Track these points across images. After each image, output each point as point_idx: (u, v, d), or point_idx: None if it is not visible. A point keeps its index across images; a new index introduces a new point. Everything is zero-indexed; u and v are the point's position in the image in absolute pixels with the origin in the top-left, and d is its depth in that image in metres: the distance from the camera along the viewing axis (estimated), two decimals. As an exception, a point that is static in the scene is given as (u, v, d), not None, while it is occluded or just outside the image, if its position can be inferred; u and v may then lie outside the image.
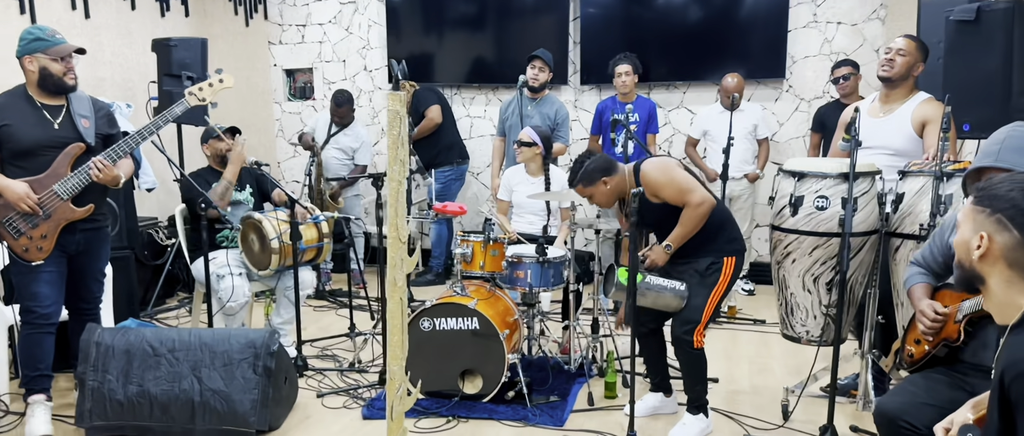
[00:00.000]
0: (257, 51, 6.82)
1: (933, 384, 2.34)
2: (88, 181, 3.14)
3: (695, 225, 3.09)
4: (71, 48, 3.16)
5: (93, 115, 3.26)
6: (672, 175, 3.11)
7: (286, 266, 3.97)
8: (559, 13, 6.06)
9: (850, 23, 5.59)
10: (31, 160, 3.11)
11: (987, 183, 1.62)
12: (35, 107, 3.15)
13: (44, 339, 3.25)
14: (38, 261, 3.14)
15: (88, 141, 3.19)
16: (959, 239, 1.65)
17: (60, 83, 3.15)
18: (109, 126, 3.35)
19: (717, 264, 3.12)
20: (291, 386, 3.50)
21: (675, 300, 3.10)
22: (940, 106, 3.26)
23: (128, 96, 5.51)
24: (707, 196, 3.09)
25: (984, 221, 1.58)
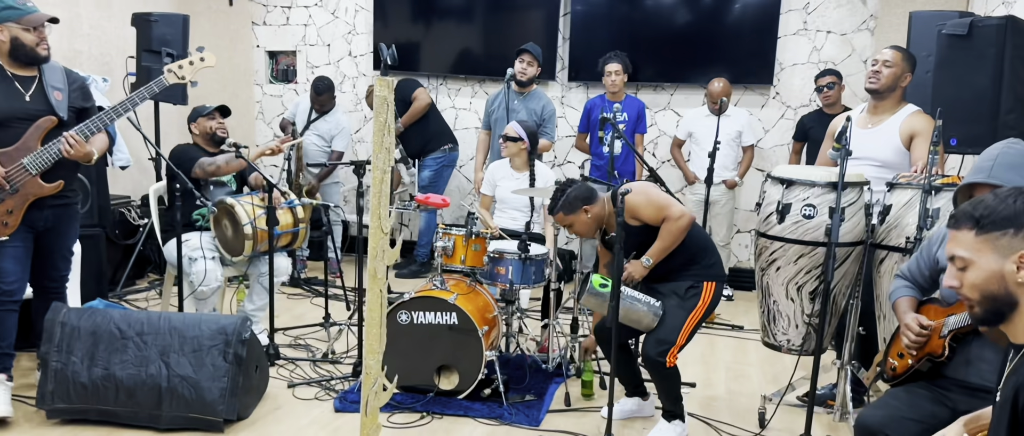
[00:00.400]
0: (240, 31, 6.69)
1: (915, 399, 2.31)
2: (59, 156, 3.03)
3: (675, 239, 3.05)
4: (44, 17, 3.04)
5: (66, 87, 3.14)
6: (650, 195, 3.09)
7: (260, 252, 3.88)
8: (549, 8, 6.00)
9: (840, 33, 5.60)
10: (2, 132, 2.99)
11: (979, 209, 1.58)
12: (5, 78, 3.04)
13: (7, 316, 3.14)
14: (3, 237, 3.03)
15: (60, 115, 3.08)
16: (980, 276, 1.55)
17: (32, 54, 3.03)
18: (83, 99, 3.23)
19: (696, 288, 3.07)
20: (262, 375, 3.42)
21: (647, 317, 3.01)
22: (928, 119, 3.25)
23: (105, 71, 5.37)
24: (686, 211, 3.06)
25: (1011, 243, 1.53)
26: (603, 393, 3.58)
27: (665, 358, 2.96)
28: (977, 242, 1.57)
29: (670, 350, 2.98)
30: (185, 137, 4.29)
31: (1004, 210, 1.56)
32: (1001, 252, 1.54)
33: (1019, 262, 1.52)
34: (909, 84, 3.70)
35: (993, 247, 1.55)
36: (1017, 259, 1.52)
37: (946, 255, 1.64)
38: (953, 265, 1.62)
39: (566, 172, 6.17)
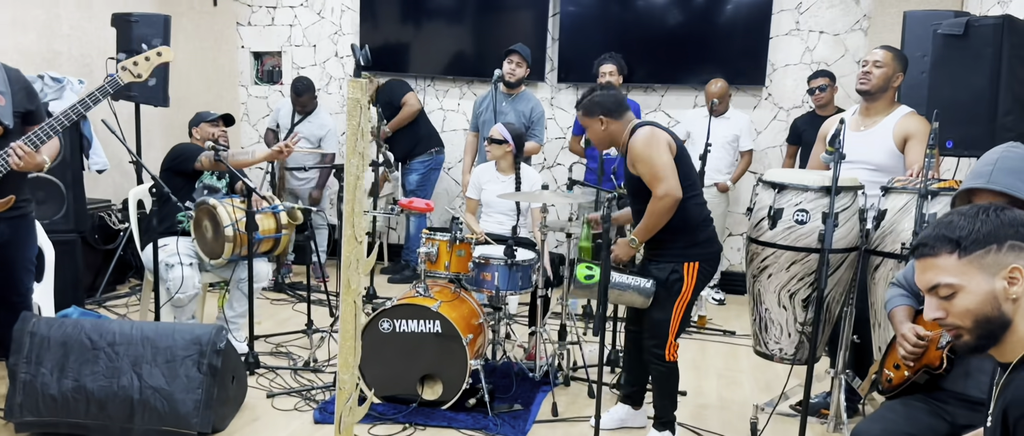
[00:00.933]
0: (224, 32, 6.58)
1: (913, 412, 2.23)
2: (7, 170, 2.79)
3: (658, 218, 2.90)
4: None
5: (9, 90, 2.87)
6: (652, 152, 2.89)
7: (240, 256, 3.78)
8: (538, 9, 5.92)
9: (832, 33, 5.52)
10: None
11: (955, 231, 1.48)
12: None
13: None
14: None
15: (4, 122, 2.82)
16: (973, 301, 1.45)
17: None
18: (28, 101, 2.95)
19: (677, 272, 2.95)
20: (239, 385, 3.32)
21: (639, 297, 2.95)
22: (922, 121, 3.17)
23: (85, 72, 5.26)
24: (673, 189, 2.86)
25: (998, 259, 1.45)
26: (592, 399, 3.49)
27: (664, 351, 2.97)
28: (961, 265, 1.48)
29: (667, 344, 2.97)
30: (168, 139, 4.20)
31: (982, 227, 1.47)
32: (988, 271, 1.45)
33: (1009, 278, 1.44)
34: (904, 85, 3.62)
35: (979, 267, 1.47)
36: (1007, 274, 1.44)
37: (923, 285, 1.54)
38: (935, 295, 1.51)
39: (555, 175, 6.08)
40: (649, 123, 2.99)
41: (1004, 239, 1.45)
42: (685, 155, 3.00)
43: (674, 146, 2.94)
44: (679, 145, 2.98)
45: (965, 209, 1.53)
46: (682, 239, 2.96)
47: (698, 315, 4.88)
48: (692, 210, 2.96)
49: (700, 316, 4.87)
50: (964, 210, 1.53)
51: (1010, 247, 1.44)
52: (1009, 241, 1.44)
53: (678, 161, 2.93)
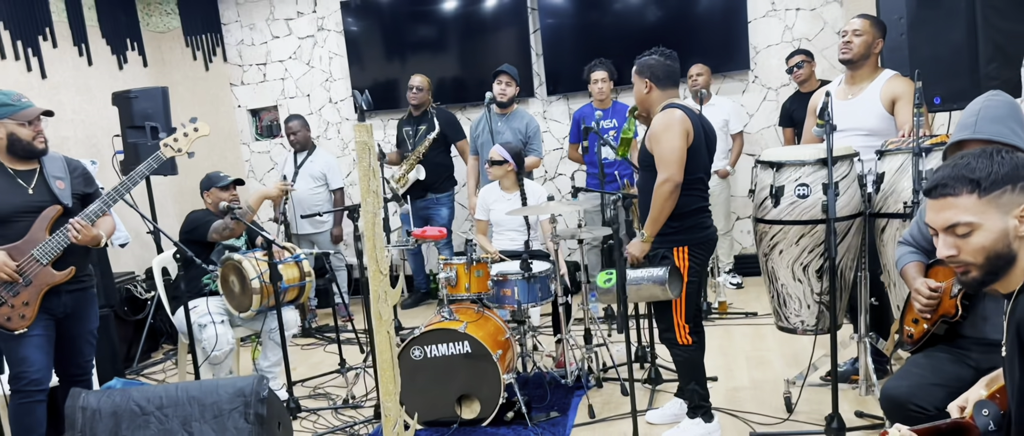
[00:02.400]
0: (219, 94, 6.74)
1: (937, 363, 2.31)
2: (67, 243, 3.05)
3: (661, 203, 2.95)
4: (38, 111, 3.07)
5: (68, 176, 3.18)
6: (666, 135, 2.94)
7: (268, 306, 3.89)
8: (519, 27, 6.05)
9: (809, 8, 5.63)
10: (7, 227, 3.02)
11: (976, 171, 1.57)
12: (7, 174, 3.07)
13: (35, 408, 3.13)
14: (21, 330, 3.04)
15: (65, 203, 3.11)
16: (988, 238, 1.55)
17: (30, 148, 3.06)
18: (85, 185, 3.26)
19: (668, 258, 3.03)
20: (285, 431, 3.40)
21: (657, 288, 2.97)
22: (907, 81, 3.26)
23: (92, 153, 5.41)
24: (674, 175, 2.92)
25: (1012, 199, 1.54)
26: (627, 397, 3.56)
27: (674, 335, 3.07)
28: (980, 204, 1.56)
29: (675, 330, 3.06)
30: (180, 205, 4.31)
31: (1000, 168, 1.56)
32: (1004, 210, 1.54)
33: (1020, 216, 1.53)
34: (885, 49, 3.72)
35: (996, 206, 1.55)
36: (1019, 213, 1.53)
37: (940, 225, 1.62)
38: (951, 234, 1.60)
39: (558, 185, 6.19)
40: (680, 106, 3.01)
41: (1019, 180, 1.55)
42: (700, 145, 3.02)
43: (692, 135, 2.97)
44: (699, 134, 3.00)
45: (978, 151, 1.61)
46: (668, 225, 3.02)
47: (718, 301, 4.96)
48: (685, 200, 3.00)
49: (721, 302, 4.95)
50: (977, 152, 1.61)
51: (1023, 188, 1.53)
52: (1022, 182, 1.53)
53: (692, 150, 2.98)
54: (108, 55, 5.79)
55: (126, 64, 5.92)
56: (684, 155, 2.95)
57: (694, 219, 3.05)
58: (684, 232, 3.03)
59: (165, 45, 6.33)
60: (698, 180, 3.05)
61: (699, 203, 3.07)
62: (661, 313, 3.11)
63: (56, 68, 5.31)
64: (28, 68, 5.11)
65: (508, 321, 3.83)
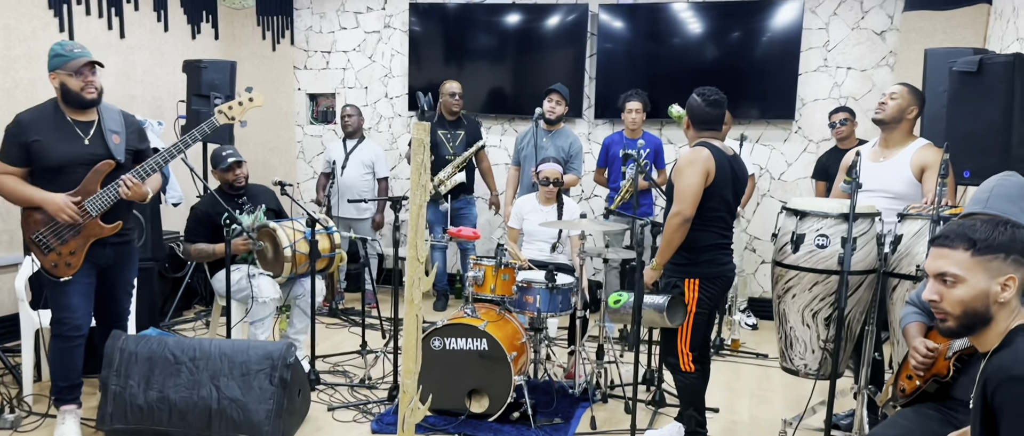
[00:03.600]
0: (282, 75, 7.03)
1: (923, 419, 2.43)
2: (117, 198, 3.19)
3: (669, 235, 3.14)
4: (83, 61, 3.11)
5: (124, 130, 3.29)
6: (687, 171, 3.13)
7: (298, 274, 4.09)
8: (577, 48, 6.24)
9: (860, 69, 5.74)
10: (63, 176, 3.14)
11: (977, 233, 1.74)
12: (65, 122, 3.17)
13: (75, 351, 3.33)
14: (66, 277, 3.20)
15: (118, 158, 3.22)
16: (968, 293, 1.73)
17: (78, 98, 3.12)
18: (139, 141, 3.38)
19: (678, 287, 3.19)
20: (304, 399, 3.62)
21: (656, 315, 3.10)
22: (939, 152, 3.37)
23: (157, 114, 5.71)
24: (683, 210, 3.10)
25: (1001, 267, 1.71)
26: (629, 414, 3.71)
27: (678, 362, 3.24)
28: (971, 262, 1.75)
29: (678, 356, 3.22)
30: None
31: (999, 237, 1.74)
32: (991, 274, 1.72)
33: (1004, 284, 1.69)
34: (926, 118, 3.83)
35: (985, 269, 1.74)
36: (1003, 281, 1.69)
37: (932, 270, 1.80)
38: (938, 281, 1.78)
39: (593, 205, 6.35)
40: (710, 146, 3.19)
41: (1011, 252, 1.72)
42: (722, 185, 3.18)
43: (713, 174, 3.14)
44: (724, 174, 3.17)
45: (987, 218, 1.80)
46: (681, 256, 3.21)
47: (732, 339, 5.07)
48: (697, 234, 3.18)
49: (733, 339, 5.07)
50: (986, 219, 1.80)
51: (1014, 260, 1.71)
52: (1015, 255, 1.71)
53: (709, 190, 3.15)
54: (184, 24, 6.10)
55: (199, 34, 6.23)
56: (698, 192, 3.12)
57: (709, 254, 3.21)
58: (697, 265, 3.20)
59: (238, 21, 6.64)
60: (719, 218, 3.21)
61: (716, 239, 3.23)
62: (667, 339, 3.29)
63: (134, 30, 5.62)
64: (109, 26, 5.42)
65: (526, 327, 4.00)
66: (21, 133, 3.12)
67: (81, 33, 5.16)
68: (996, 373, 1.63)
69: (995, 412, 1.61)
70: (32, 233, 3.17)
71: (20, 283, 3.81)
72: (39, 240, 3.17)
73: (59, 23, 5.02)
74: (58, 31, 5.02)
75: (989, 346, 1.73)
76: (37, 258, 3.20)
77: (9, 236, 4.69)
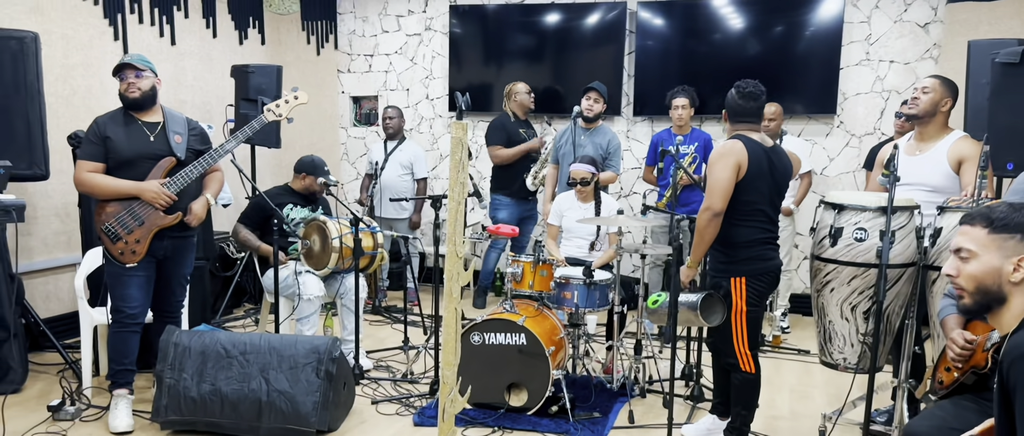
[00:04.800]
0: (326, 78, 7.20)
1: (961, 410, 2.43)
2: (188, 183, 3.49)
3: (699, 232, 3.13)
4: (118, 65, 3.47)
5: (186, 133, 3.60)
6: (717, 165, 3.11)
7: (342, 269, 4.21)
8: (616, 46, 6.27)
9: (903, 62, 5.66)
10: (132, 168, 3.46)
11: (995, 213, 1.78)
12: (135, 123, 3.52)
13: (130, 337, 3.57)
14: (132, 264, 3.47)
15: (178, 155, 3.53)
16: (980, 269, 1.79)
17: (124, 98, 3.48)
18: (201, 143, 3.68)
19: (724, 288, 3.18)
20: (349, 392, 3.73)
21: (690, 314, 3.11)
22: (976, 144, 3.33)
23: (206, 118, 5.89)
24: (712, 205, 3.08)
25: (1016, 247, 1.75)
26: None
27: (737, 362, 3.20)
28: (986, 239, 1.80)
29: (737, 357, 3.18)
30: (276, 178, 4.69)
31: (1017, 218, 1.77)
32: (1005, 253, 1.76)
33: (1018, 264, 1.71)
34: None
35: (999, 247, 1.79)
36: (1017, 261, 1.72)
37: (952, 246, 1.85)
38: (956, 256, 1.83)
39: (631, 203, 6.37)
40: (745, 139, 3.17)
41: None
42: (758, 178, 3.14)
43: (745, 167, 3.10)
44: (760, 167, 3.13)
45: (1013, 202, 1.85)
46: (723, 255, 3.21)
47: (772, 335, 5.06)
48: (737, 230, 3.15)
49: (775, 336, 5.05)
50: (1012, 202, 1.85)
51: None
52: None
53: (743, 183, 3.12)
54: (231, 30, 6.28)
55: (246, 40, 6.41)
56: (728, 187, 3.09)
57: (751, 250, 3.18)
58: (740, 263, 3.17)
59: (283, 27, 6.82)
60: (758, 212, 3.17)
61: (758, 235, 3.19)
62: (724, 340, 3.24)
63: (184, 37, 5.82)
64: (160, 34, 5.62)
65: (564, 323, 4.06)
66: (99, 130, 3.46)
67: (134, 41, 5.37)
68: (1011, 351, 1.65)
69: (1010, 391, 1.63)
70: (103, 223, 3.45)
71: (79, 281, 3.98)
72: (109, 230, 3.45)
73: (114, 32, 5.23)
74: (112, 39, 5.22)
75: (1007, 328, 1.76)
76: (106, 246, 3.48)
77: (67, 237, 4.90)
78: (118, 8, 5.23)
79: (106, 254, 3.52)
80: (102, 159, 3.46)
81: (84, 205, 4.47)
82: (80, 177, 3.47)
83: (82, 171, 3.46)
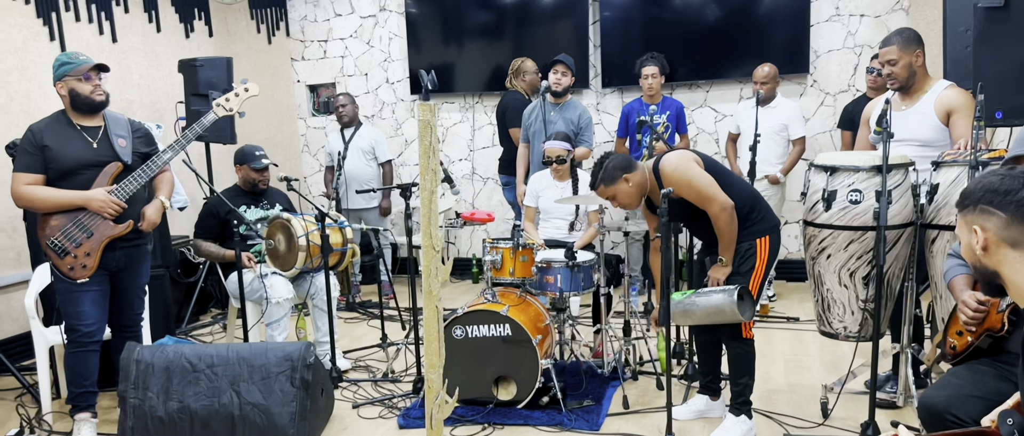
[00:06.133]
0: (280, 68, 6.90)
1: (978, 376, 2.30)
2: (135, 189, 3.26)
3: (730, 231, 3.00)
4: (90, 64, 3.23)
5: (130, 135, 3.36)
6: (690, 176, 3.02)
7: (311, 268, 4.00)
8: (578, 17, 6.07)
9: (873, 15, 5.55)
10: (73, 178, 3.22)
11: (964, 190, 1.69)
12: (74, 129, 3.26)
13: (88, 357, 3.32)
14: (83, 279, 3.23)
15: (125, 160, 3.29)
16: (964, 250, 1.72)
17: (89, 101, 3.23)
18: (146, 145, 3.43)
19: (751, 248, 3.04)
20: (327, 398, 3.52)
21: (727, 306, 2.91)
22: (963, 93, 3.21)
23: (156, 117, 5.59)
24: (725, 202, 2.98)
25: (972, 219, 1.66)
26: (662, 391, 3.59)
27: (740, 331, 3.05)
28: (960, 221, 1.71)
29: (740, 332, 3.04)
30: (235, 175, 4.44)
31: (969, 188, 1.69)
32: (968, 226, 1.66)
33: (975, 235, 1.64)
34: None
35: (965, 224, 1.68)
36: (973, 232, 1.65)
37: None
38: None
39: (608, 178, 6.20)
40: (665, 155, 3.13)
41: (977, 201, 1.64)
42: (709, 160, 3.12)
43: (700, 159, 3.08)
44: (700, 155, 3.12)
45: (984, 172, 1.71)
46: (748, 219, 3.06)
47: (760, 304, 4.94)
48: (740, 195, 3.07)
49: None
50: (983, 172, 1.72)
51: (981, 210, 1.64)
52: (979, 203, 1.64)
53: (709, 170, 3.06)
54: (176, 23, 5.96)
55: (192, 33, 6.09)
56: (712, 180, 3.01)
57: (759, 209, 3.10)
58: (763, 221, 3.09)
59: (231, 16, 6.50)
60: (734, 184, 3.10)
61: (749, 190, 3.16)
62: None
63: (126, 33, 5.50)
64: (100, 32, 5.30)
65: (549, 308, 3.89)
66: (35, 140, 3.21)
67: (72, 40, 5.04)
68: None
69: None
70: (48, 238, 3.21)
71: (29, 301, 3.72)
72: (54, 244, 3.21)
73: (49, 32, 4.91)
74: (49, 40, 4.90)
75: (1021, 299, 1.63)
76: (54, 262, 3.24)
77: (16, 253, 4.61)
78: (52, 6, 4.91)
79: (54, 270, 3.27)
80: (41, 170, 3.21)
81: (30, 218, 4.18)
82: (18, 191, 3.21)
83: (19, 184, 3.20)
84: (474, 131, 6.53)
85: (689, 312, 3.00)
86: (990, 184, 1.62)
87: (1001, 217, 1.58)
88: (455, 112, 6.58)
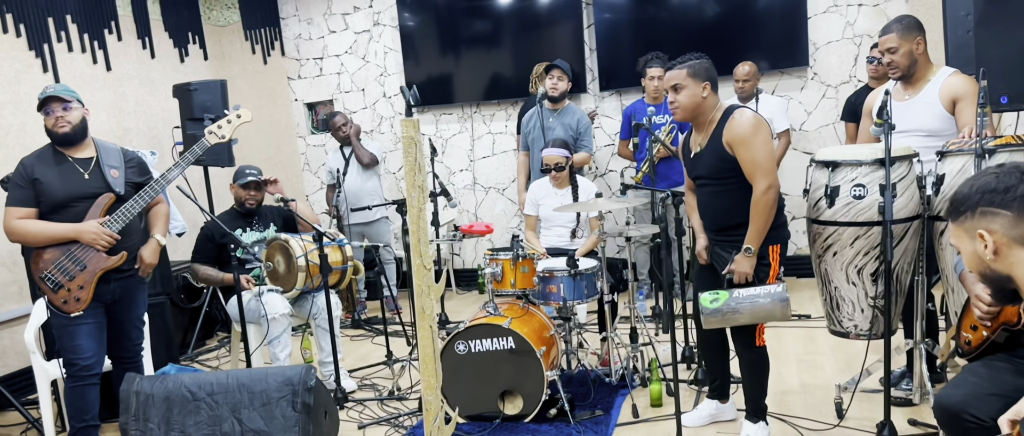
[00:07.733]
0: (277, 88, 6.87)
1: (995, 372, 2.21)
2: (128, 220, 3.22)
3: (766, 215, 2.79)
4: (42, 98, 3.18)
5: (123, 165, 3.33)
6: (759, 140, 2.78)
7: (311, 288, 3.95)
8: (573, 22, 6.01)
9: (872, 4, 5.46)
10: (66, 211, 3.18)
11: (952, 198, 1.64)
12: (65, 160, 3.23)
13: (88, 390, 3.28)
14: (77, 312, 3.19)
15: (117, 190, 3.26)
16: (967, 261, 1.64)
17: (53, 134, 3.20)
18: (139, 175, 3.40)
19: (764, 258, 2.89)
20: (331, 420, 3.46)
21: (777, 307, 2.76)
22: (968, 79, 3.14)
23: (153, 143, 5.57)
24: (775, 182, 2.78)
25: (973, 225, 1.56)
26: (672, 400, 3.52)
27: (753, 338, 2.95)
28: (956, 230, 1.63)
29: (755, 331, 2.94)
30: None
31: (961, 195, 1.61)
32: (970, 234, 1.55)
33: (982, 240, 1.52)
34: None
35: (966, 232, 1.60)
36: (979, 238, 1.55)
37: None
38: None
39: (608, 181, 6.14)
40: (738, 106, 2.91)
41: (976, 205, 1.56)
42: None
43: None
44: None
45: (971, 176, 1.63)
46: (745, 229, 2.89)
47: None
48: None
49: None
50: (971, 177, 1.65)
51: (982, 213, 1.55)
52: (979, 207, 1.53)
53: None
54: (170, 48, 5.94)
55: (187, 57, 6.07)
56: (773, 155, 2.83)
57: (781, 214, 2.94)
58: (777, 228, 2.90)
59: (225, 39, 6.48)
60: None
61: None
62: None
63: (120, 61, 5.48)
64: (94, 61, 5.28)
65: (553, 318, 3.82)
66: (26, 173, 3.19)
67: (66, 71, 5.03)
68: None
69: None
70: (41, 272, 3.18)
71: (30, 335, 3.69)
72: (48, 278, 3.17)
73: (42, 63, 4.89)
74: (42, 71, 4.88)
75: None
76: (48, 296, 3.21)
77: (18, 287, 4.58)
78: (44, 38, 4.89)
79: (49, 305, 3.23)
80: (33, 204, 3.19)
81: (28, 252, 4.15)
82: (10, 226, 3.19)
83: (11, 219, 3.18)
84: (474, 141, 6.48)
85: (730, 319, 2.82)
86: (985, 185, 1.53)
87: (1007, 216, 1.49)
88: (454, 123, 6.53)
